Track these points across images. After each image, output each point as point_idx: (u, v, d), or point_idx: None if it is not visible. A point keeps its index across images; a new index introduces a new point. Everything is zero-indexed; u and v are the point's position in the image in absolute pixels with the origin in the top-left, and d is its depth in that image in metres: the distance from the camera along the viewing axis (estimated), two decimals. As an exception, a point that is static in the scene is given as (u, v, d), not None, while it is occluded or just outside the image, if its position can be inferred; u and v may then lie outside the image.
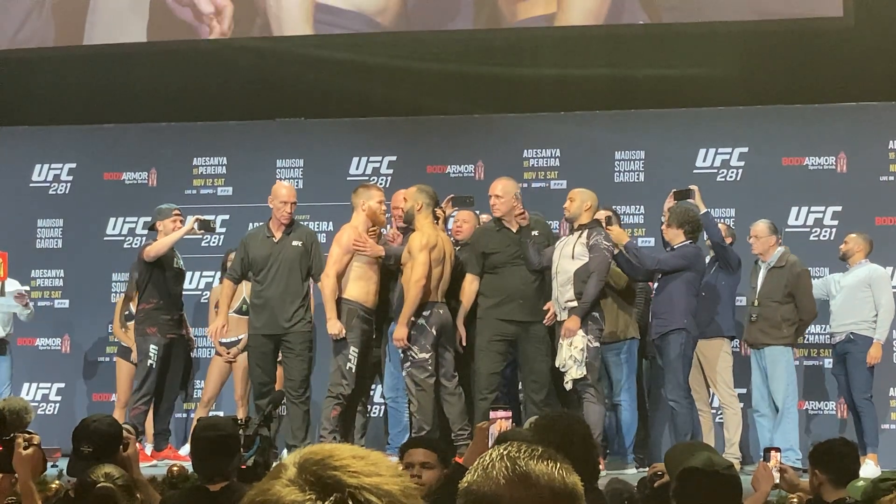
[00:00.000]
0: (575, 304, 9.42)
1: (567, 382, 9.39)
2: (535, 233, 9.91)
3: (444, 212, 10.19)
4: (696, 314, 9.90)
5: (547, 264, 9.76)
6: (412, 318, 9.50)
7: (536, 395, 9.68)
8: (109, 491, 4.18)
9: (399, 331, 9.48)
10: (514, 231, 9.86)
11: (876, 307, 10.23)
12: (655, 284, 10.17)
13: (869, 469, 8.88)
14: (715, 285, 10.18)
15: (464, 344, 9.82)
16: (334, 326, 9.59)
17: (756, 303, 10.22)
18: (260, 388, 9.92)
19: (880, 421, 10.81)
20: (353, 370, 9.64)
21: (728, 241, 10.39)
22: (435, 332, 9.54)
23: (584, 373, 9.32)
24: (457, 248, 10.08)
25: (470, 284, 9.90)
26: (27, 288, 11.47)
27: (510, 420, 6.23)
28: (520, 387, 10.23)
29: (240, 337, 10.78)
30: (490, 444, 5.43)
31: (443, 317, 9.61)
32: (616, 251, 9.76)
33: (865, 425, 10.12)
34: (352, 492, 1.39)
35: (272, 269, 9.99)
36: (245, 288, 10.58)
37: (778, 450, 7.01)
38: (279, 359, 10.16)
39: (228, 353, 10.99)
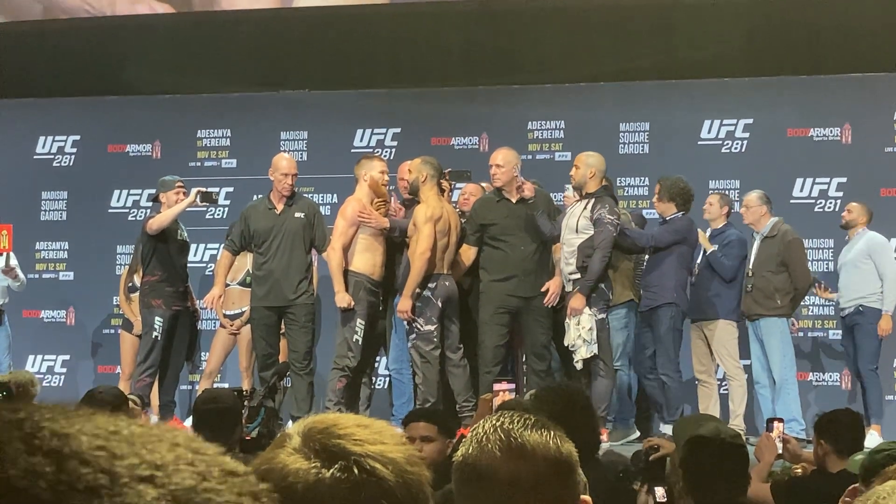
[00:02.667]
0: (578, 276, 9.41)
1: (577, 362, 9.37)
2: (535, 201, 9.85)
3: (451, 184, 10.19)
4: (686, 287, 9.90)
5: (559, 233, 9.71)
6: (418, 290, 9.50)
7: (538, 365, 9.69)
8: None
9: (403, 303, 9.49)
10: (514, 202, 9.82)
11: (880, 277, 10.20)
12: (647, 257, 10.13)
13: (873, 440, 8.89)
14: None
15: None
16: (343, 299, 9.59)
17: (750, 273, 10.17)
18: (264, 360, 9.94)
19: (885, 392, 10.82)
20: (360, 342, 9.65)
21: (724, 210, 10.32)
22: (441, 305, 9.53)
23: (595, 352, 9.32)
24: (462, 221, 10.08)
25: (465, 253, 9.87)
26: (15, 262, 11.43)
27: (514, 392, 6.25)
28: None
29: (243, 309, 10.79)
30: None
31: (448, 289, 9.60)
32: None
33: (870, 396, 10.12)
34: (356, 459, 1.40)
35: (275, 242, 9.98)
36: (249, 260, 10.58)
37: (781, 420, 7.03)
38: (282, 331, 10.17)
39: (232, 325, 11.00)
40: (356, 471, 1.40)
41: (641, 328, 10.08)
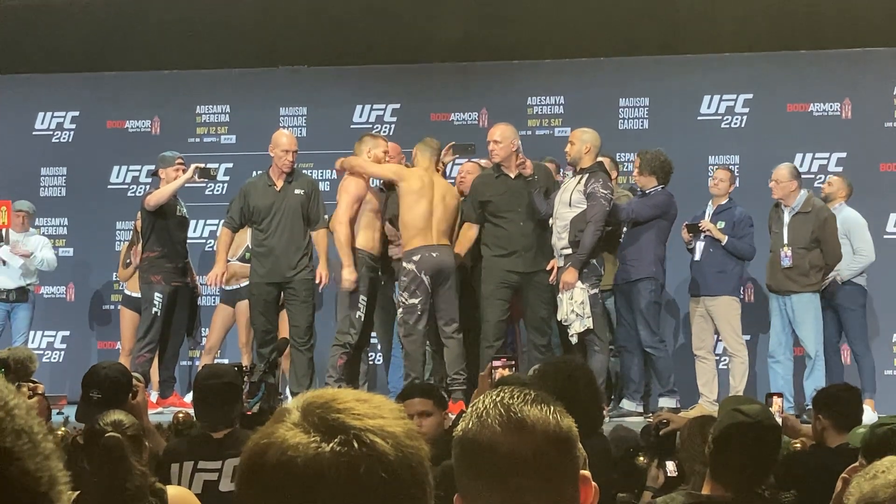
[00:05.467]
0: (570, 251, 9.40)
1: (572, 336, 9.37)
2: (535, 178, 9.84)
3: (443, 163, 10.20)
4: (664, 261, 9.89)
5: (553, 210, 9.72)
6: (403, 263, 9.54)
7: (539, 340, 9.71)
8: (117, 441, 4.18)
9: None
10: (513, 177, 9.82)
11: (854, 252, 10.18)
12: (625, 229, 10.11)
13: (867, 415, 8.90)
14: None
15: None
16: (350, 275, 9.58)
17: (788, 250, 10.07)
18: (263, 336, 9.96)
19: (885, 367, 10.84)
20: (363, 319, 9.67)
21: (731, 187, 10.32)
22: (427, 278, 9.52)
23: (589, 326, 9.31)
24: (461, 199, 10.14)
25: (467, 231, 9.88)
26: (19, 241, 11.49)
27: (513, 368, 6.25)
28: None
29: (243, 284, 10.81)
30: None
31: (436, 260, 9.57)
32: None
33: (863, 371, 10.12)
34: (356, 433, 1.41)
35: (275, 218, 9.98)
36: (249, 235, 10.57)
37: (780, 395, 7.04)
38: (281, 307, 10.19)
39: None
40: (356, 445, 1.40)
41: (618, 302, 10.06)
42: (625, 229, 10.06)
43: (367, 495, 1.40)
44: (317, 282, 9.91)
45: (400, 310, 9.63)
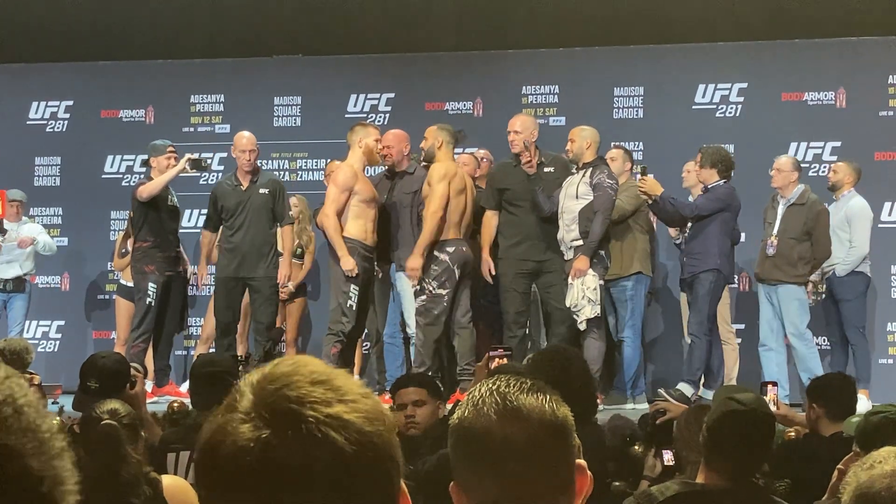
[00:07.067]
0: (580, 242, 9.42)
1: (581, 322, 9.37)
2: (549, 169, 9.84)
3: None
4: (730, 254, 9.85)
5: (557, 208, 9.72)
6: (436, 254, 9.52)
7: (558, 328, 9.69)
8: (113, 429, 4.19)
9: (413, 261, 9.48)
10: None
11: (850, 242, 10.19)
12: (690, 224, 10.10)
13: (862, 404, 8.90)
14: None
15: (493, 273, 9.81)
16: (348, 263, 9.59)
17: (774, 239, 10.08)
18: (227, 327, 10.25)
19: (878, 356, 10.84)
20: (354, 307, 9.68)
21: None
22: (458, 271, 9.55)
23: (598, 313, 9.32)
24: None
25: (490, 220, 9.93)
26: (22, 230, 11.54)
27: (509, 359, 6.26)
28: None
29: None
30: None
31: (465, 254, 9.62)
32: (651, 200, 9.72)
33: (858, 360, 10.12)
34: (308, 428, 1.34)
35: (240, 217, 10.20)
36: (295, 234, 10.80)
37: (775, 384, 7.05)
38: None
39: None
40: (308, 438, 1.34)
41: (687, 295, 10.12)
42: (689, 226, 10.08)
43: (324, 489, 1.34)
44: (278, 281, 10.14)
45: (423, 297, 9.58)
